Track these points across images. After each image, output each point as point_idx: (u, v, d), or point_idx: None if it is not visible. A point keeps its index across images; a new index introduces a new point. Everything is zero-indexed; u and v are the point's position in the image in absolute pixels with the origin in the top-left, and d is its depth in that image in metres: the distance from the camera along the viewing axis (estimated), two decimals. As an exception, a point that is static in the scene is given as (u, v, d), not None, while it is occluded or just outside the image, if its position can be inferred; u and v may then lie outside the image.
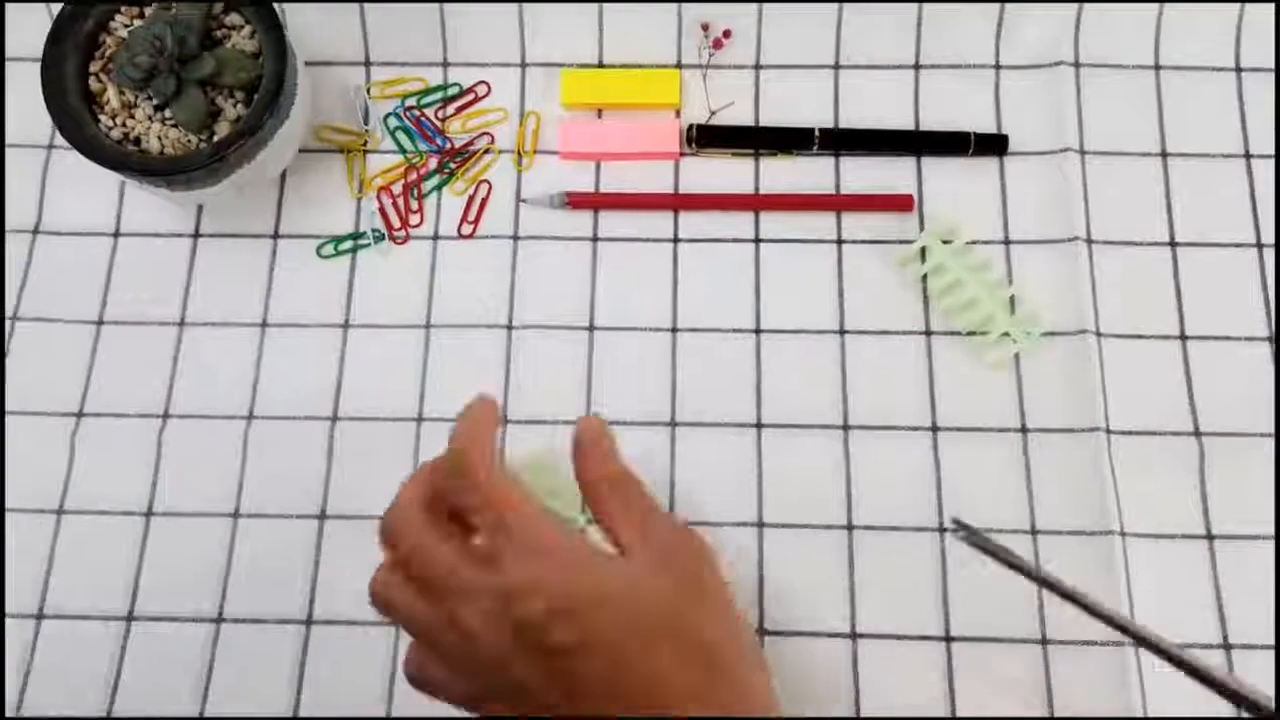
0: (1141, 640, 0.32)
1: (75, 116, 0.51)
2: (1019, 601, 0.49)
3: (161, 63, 0.50)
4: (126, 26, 0.52)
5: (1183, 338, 0.53)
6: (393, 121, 0.58)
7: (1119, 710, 0.47)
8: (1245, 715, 0.27)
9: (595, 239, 0.56)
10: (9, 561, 0.51)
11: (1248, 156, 0.57)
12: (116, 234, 0.56)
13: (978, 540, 0.32)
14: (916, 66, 0.58)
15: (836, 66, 0.58)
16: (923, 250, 0.54)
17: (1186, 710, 0.46)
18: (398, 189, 0.57)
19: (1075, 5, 0.57)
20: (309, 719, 0.48)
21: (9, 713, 0.48)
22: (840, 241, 0.55)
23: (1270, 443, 0.51)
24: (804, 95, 0.58)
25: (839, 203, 0.56)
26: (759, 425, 0.52)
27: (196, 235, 0.56)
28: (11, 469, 0.52)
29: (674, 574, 0.34)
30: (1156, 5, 0.58)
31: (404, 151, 0.57)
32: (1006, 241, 0.55)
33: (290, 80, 0.51)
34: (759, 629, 0.49)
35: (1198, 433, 0.52)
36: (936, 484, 0.51)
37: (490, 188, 0.57)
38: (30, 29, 0.57)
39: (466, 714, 0.34)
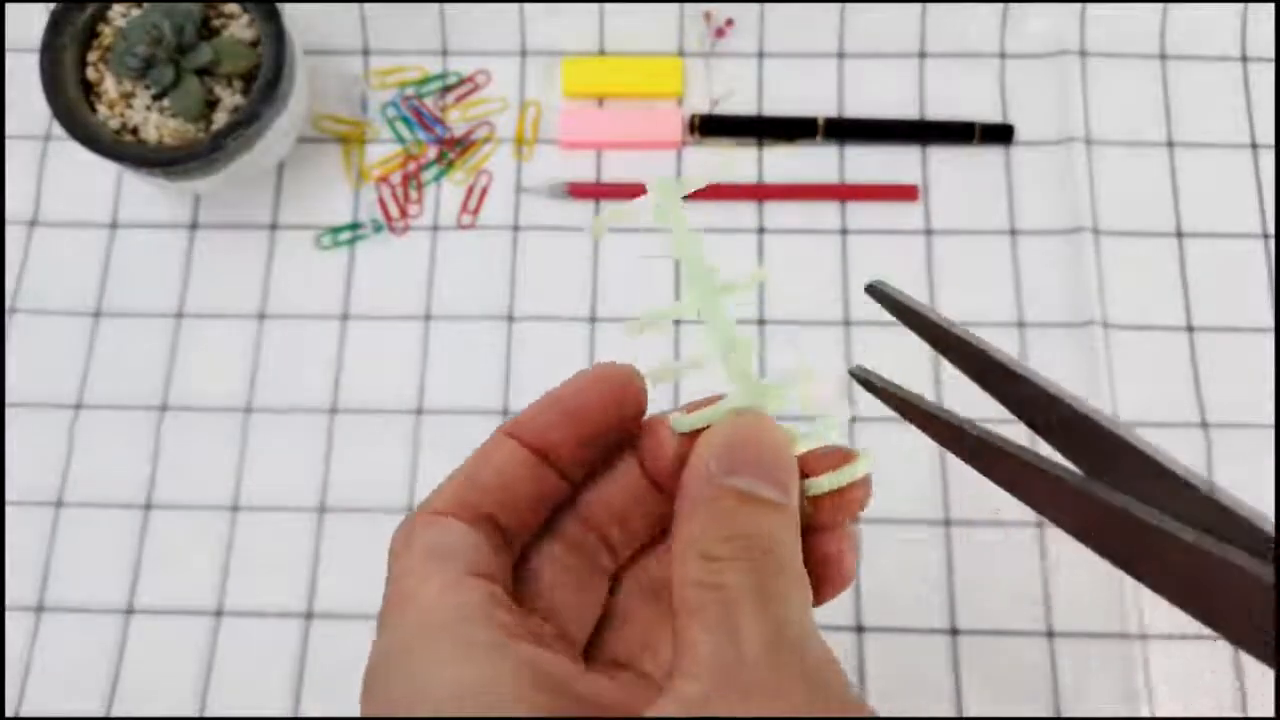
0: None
1: (73, 107, 0.50)
2: (1025, 594, 0.49)
3: (159, 52, 0.49)
4: (124, 16, 0.52)
5: (1189, 329, 0.53)
6: (391, 111, 0.57)
7: (1123, 701, 0.47)
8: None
9: (597, 229, 0.55)
10: (8, 554, 0.50)
11: (1254, 146, 0.56)
12: (114, 225, 0.56)
13: (877, 382, 0.26)
14: (921, 55, 0.58)
15: (840, 55, 0.58)
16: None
17: (1190, 698, 0.46)
18: (397, 179, 0.56)
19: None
20: (312, 719, 0.48)
21: (9, 706, 0.48)
22: (845, 232, 0.55)
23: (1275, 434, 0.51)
24: (807, 84, 0.57)
25: (843, 192, 0.55)
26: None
27: (194, 226, 0.56)
28: (10, 462, 0.52)
29: None
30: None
31: (403, 141, 0.57)
32: (1013, 231, 0.55)
33: (288, 69, 0.51)
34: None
35: (1204, 424, 0.51)
36: (942, 474, 0.51)
37: (490, 178, 0.56)
38: (28, 19, 0.56)
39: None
